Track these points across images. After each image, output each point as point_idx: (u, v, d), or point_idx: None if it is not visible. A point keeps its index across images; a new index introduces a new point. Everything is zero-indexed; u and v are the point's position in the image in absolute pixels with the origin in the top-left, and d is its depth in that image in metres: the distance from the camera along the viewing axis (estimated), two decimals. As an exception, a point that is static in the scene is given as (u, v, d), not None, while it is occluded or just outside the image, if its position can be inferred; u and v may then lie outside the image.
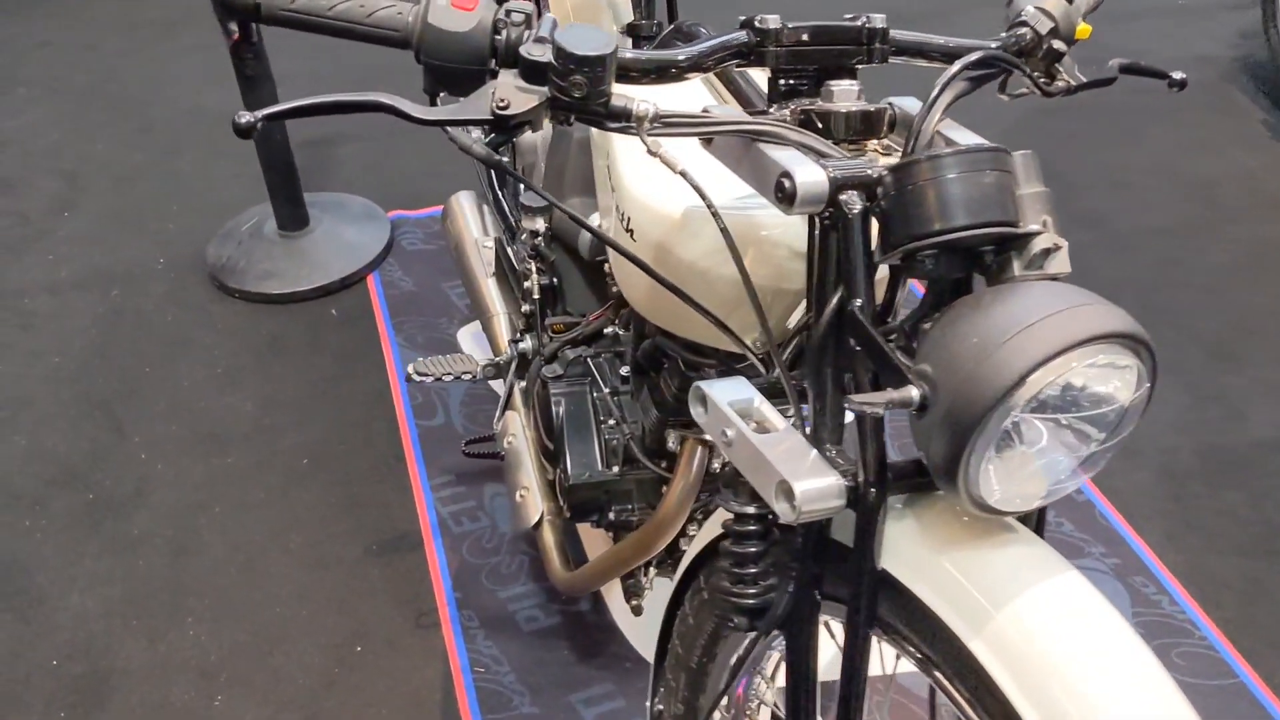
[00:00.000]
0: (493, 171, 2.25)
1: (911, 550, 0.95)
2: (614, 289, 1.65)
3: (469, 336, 2.57)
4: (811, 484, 0.92)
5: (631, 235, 1.21)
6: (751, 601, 1.04)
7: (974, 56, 1.02)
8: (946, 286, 0.95)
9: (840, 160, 0.95)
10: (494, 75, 0.96)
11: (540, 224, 1.76)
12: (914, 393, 0.87)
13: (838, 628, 1.09)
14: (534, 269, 1.79)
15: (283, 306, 2.70)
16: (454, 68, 0.95)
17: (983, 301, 0.88)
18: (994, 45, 1.13)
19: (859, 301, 0.94)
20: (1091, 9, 1.19)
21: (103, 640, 1.93)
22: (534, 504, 1.77)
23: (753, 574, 1.05)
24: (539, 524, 1.76)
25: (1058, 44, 1.13)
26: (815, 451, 0.96)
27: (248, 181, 3.19)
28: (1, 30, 4.14)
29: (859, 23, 1.05)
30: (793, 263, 1.12)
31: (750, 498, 1.04)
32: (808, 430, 1.00)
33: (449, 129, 0.97)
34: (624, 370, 1.67)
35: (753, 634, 1.19)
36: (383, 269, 2.82)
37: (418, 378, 1.91)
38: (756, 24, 1.03)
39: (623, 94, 0.94)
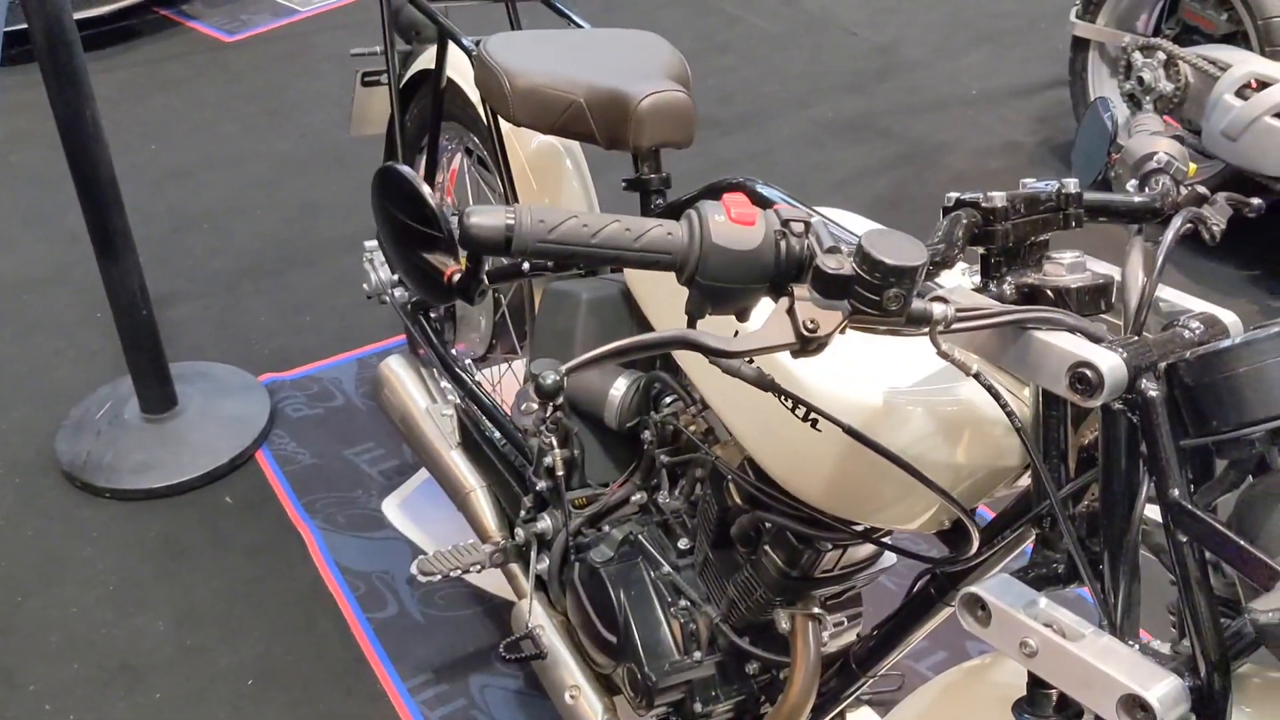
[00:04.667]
0: (431, 333, 2.08)
1: (1260, 744, 0.90)
2: (663, 457, 1.54)
3: (395, 508, 2.35)
4: (1162, 690, 0.86)
5: (814, 425, 1.12)
6: (1071, 823, 0.96)
7: (1179, 223, 1.03)
8: (1246, 464, 0.92)
9: (1132, 344, 0.90)
10: (773, 291, 0.86)
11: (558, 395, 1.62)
12: (1294, 590, 0.82)
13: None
14: (554, 443, 1.64)
15: (166, 501, 2.38)
16: (732, 288, 0.84)
17: (1338, 482, 0.85)
18: (1137, 199, 1.12)
19: (1176, 490, 0.89)
20: None
21: None
22: (588, 706, 1.61)
23: (1065, 793, 0.96)
24: (600, 727, 1.60)
25: (1201, 189, 1.14)
26: (1140, 654, 0.90)
27: (77, 359, 2.84)
28: None
29: (1053, 188, 1.03)
30: (1009, 439, 1.06)
31: (1055, 710, 0.96)
32: (1114, 623, 0.94)
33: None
34: (682, 544, 1.55)
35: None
36: (271, 442, 2.54)
37: (424, 579, 1.71)
38: (982, 203, 0.97)
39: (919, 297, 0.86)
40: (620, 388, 1.61)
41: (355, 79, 2.31)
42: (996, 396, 0.92)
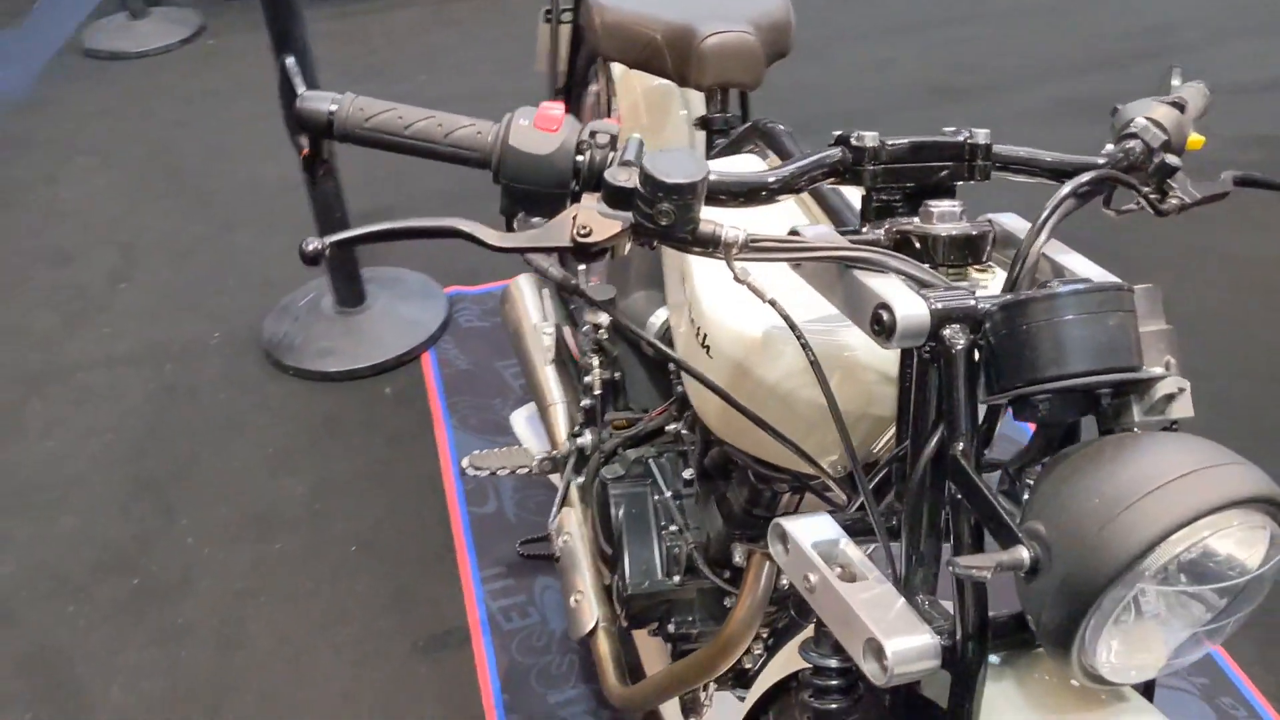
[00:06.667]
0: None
1: (1013, 716, 0.87)
2: (679, 387, 1.60)
3: (522, 420, 2.50)
4: (904, 643, 0.85)
5: (707, 351, 1.15)
6: (835, 761, 0.97)
7: (1085, 178, 0.96)
8: (1057, 430, 0.89)
9: (943, 291, 0.88)
10: (576, 198, 0.91)
11: (603, 317, 1.71)
12: (1025, 555, 0.80)
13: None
14: (596, 363, 1.73)
15: (338, 385, 2.67)
16: (534, 190, 0.91)
17: (1103, 454, 0.80)
18: (1101, 160, 1.06)
19: (961, 445, 0.87)
20: (1201, 114, 1.12)
21: (144, 737, 1.88)
22: (589, 610, 1.70)
23: (835, 731, 0.97)
24: (593, 632, 1.69)
25: (1170, 159, 1.06)
26: (907, 605, 0.89)
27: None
28: (62, 98, 4.20)
29: (960, 138, 0.99)
30: (882, 387, 1.05)
31: (834, 650, 0.97)
32: (899, 575, 0.93)
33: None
34: (687, 474, 1.60)
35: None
36: (439, 347, 2.78)
37: (473, 472, 1.86)
38: (853, 141, 0.97)
39: (710, 219, 0.88)
40: (659, 316, 1.68)
41: (539, 17, 2.46)
42: (793, 327, 0.93)
